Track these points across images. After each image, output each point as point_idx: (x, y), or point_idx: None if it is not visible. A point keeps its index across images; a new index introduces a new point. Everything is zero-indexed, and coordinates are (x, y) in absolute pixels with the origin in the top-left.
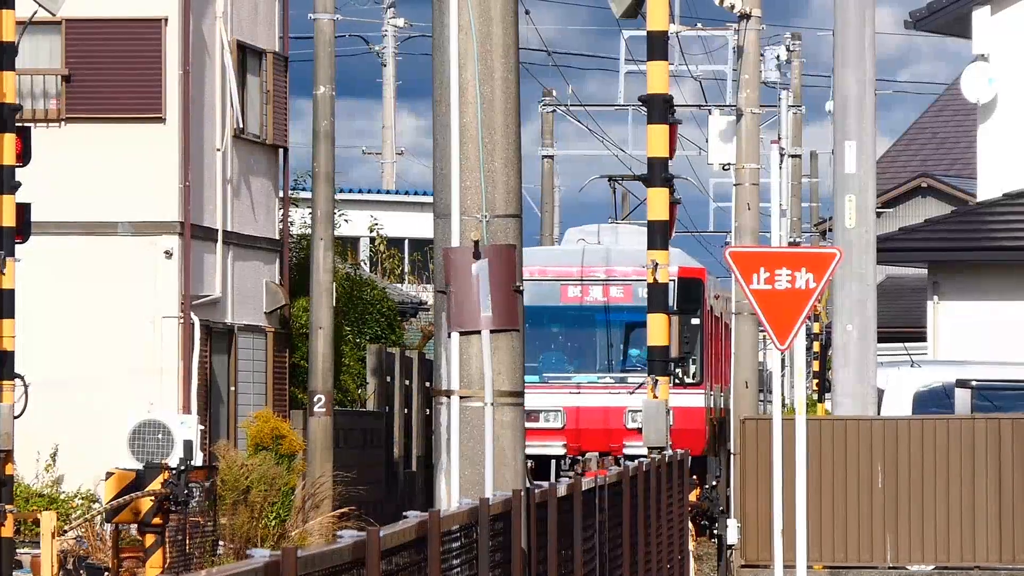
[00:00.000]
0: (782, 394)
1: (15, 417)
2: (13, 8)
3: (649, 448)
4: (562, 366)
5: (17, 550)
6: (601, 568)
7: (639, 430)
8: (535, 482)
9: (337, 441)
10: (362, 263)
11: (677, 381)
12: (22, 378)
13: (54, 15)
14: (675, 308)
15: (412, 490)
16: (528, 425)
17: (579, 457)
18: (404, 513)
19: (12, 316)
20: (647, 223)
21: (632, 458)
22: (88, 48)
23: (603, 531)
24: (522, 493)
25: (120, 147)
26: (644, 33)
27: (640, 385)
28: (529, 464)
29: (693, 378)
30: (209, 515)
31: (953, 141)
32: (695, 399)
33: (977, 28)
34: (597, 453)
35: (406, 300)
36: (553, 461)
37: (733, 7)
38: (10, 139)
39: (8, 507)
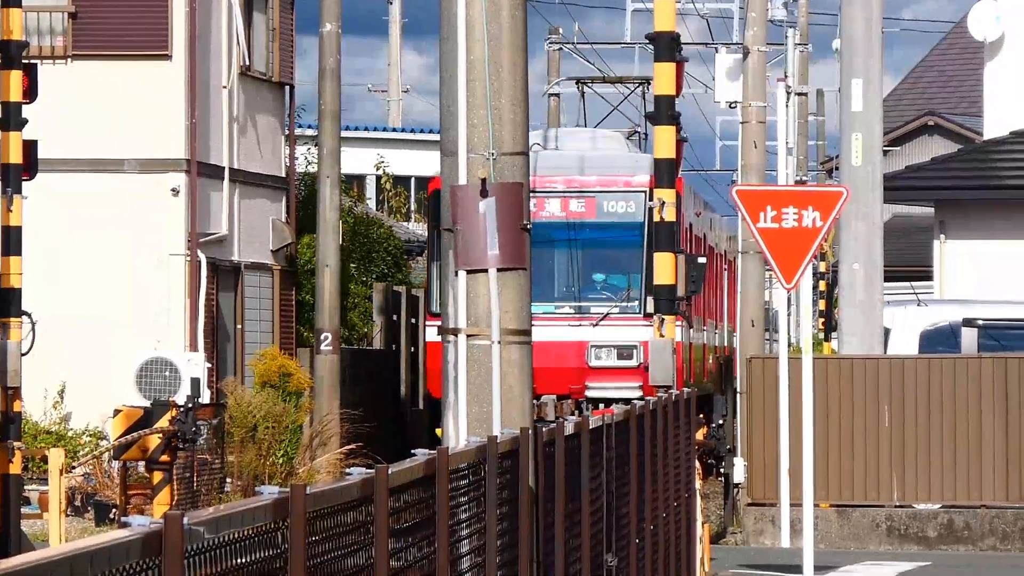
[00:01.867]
0: (788, 333)
1: (22, 354)
2: None
3: (656, 387)
4: None
5: (25, 487)
6: (608, 506)
7: (604, 368)
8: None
9: (344, 379)
10: (368, 201)
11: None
12: (29, 315)
13: None
14: (645, 226)
15: (419, 428)
16: None
17: (533, 401)
18: (412, 451)
19: (19, 253)
20: (654, 160)
21: (595, 401)
22: None
23: (610, 469)
24: (529, 431)
25: (126, 84)
26: None
27: (605, 316)
28: None
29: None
30: (216, 452)
31: (960, 79)
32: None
33: None
34: (555, 396)
35: (412, 238)
36: None
37: None
38: (16, 76)
39: (16, 444)
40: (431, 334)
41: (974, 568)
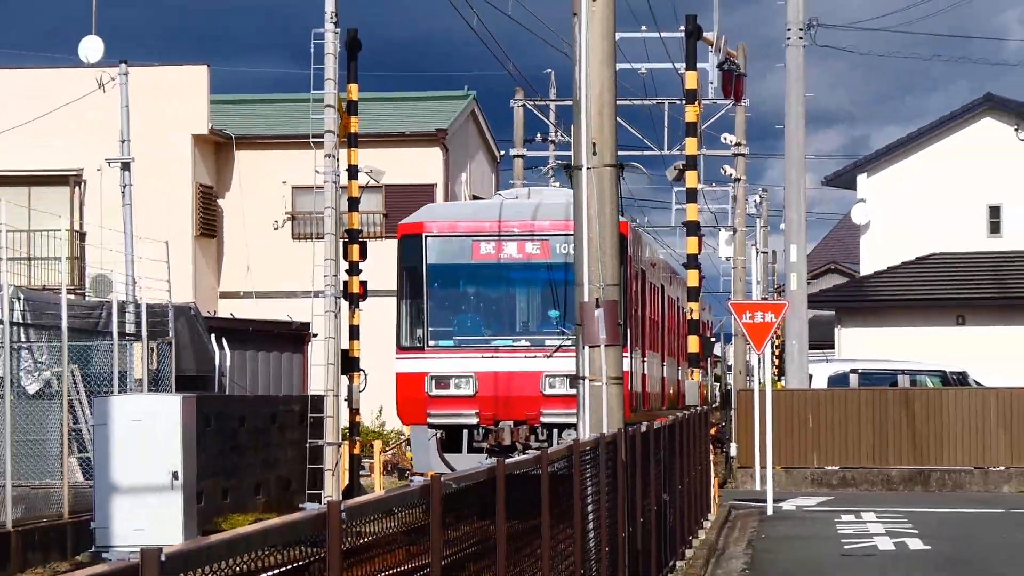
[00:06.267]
0: (759, 376)
1: (360, 391)
2: (357, 179)
3: (688, 406)
4: (476, 329)
5: (362, 460)
6: (663, 469)
7: (557, 396)
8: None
9: None
10: None
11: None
12: (363, 371)
13: (378, 183)
14: None
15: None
16: (438, 393)
17: (491, 427)
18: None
19: (358, 338)
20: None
21: (550, 427)
22: (399, 203)
23: (664, 450)
24: (622, 430)
25: None
26: (685, 189)
27: (558, 348)
28: (438, 435)
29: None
30: None
31: (848, 244)
32: None
33: (860, 184)
34: (512, 422)
35: None
36: (465, 431)
37: (732, 174)
38: (356, 248)
39: (356, 438)
40: (401, 367)
41: (856, 499)
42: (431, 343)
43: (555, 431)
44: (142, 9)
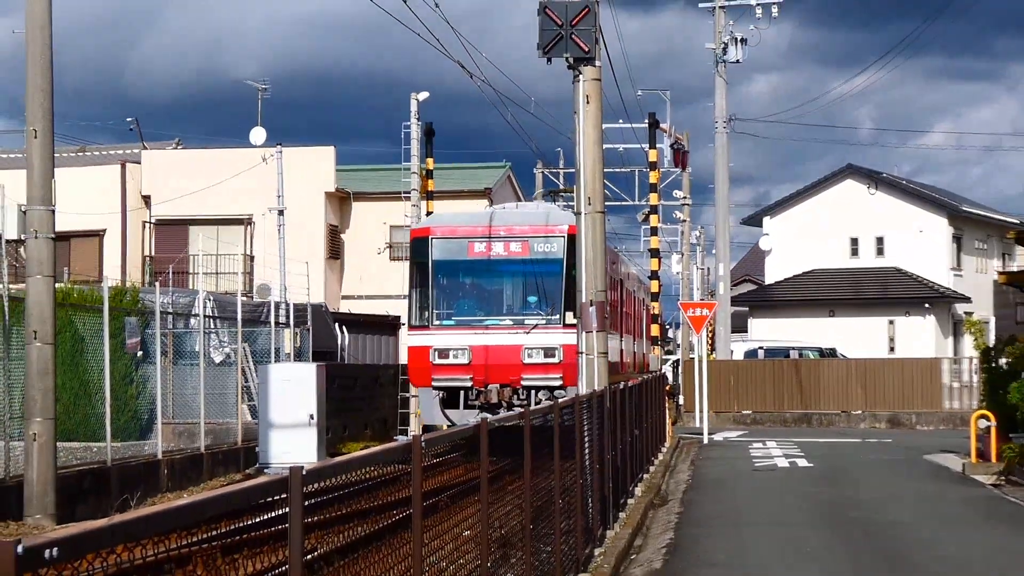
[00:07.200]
0: (698, 350)
1: None
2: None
3: (651, 371)
4: (471, 311)
5: None
6: (637, 415)
7: (534, 364)
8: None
9: None
10: None
11: (568, 322)
12: None
13: None
14: (564, 260)
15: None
16: (440, 362)
17: (482, 389)
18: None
19: None
20: (650, 294)
21: (528, 388)
22: None
23: (635, 401)
24: (607, 388)
25: None
26: (650, 227)
27: (535, 326)
28: (441, 395)
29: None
30: None
31: (756, 263)
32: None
33: (765, 223)
34: (498, 385)
35: None
36: (462, 392)
37: (680, 217)
38: None
39: None
40: (411, 341)
41: (763, 433)
42: (435, 322)
43: (532, 392)
44: (293, 109)
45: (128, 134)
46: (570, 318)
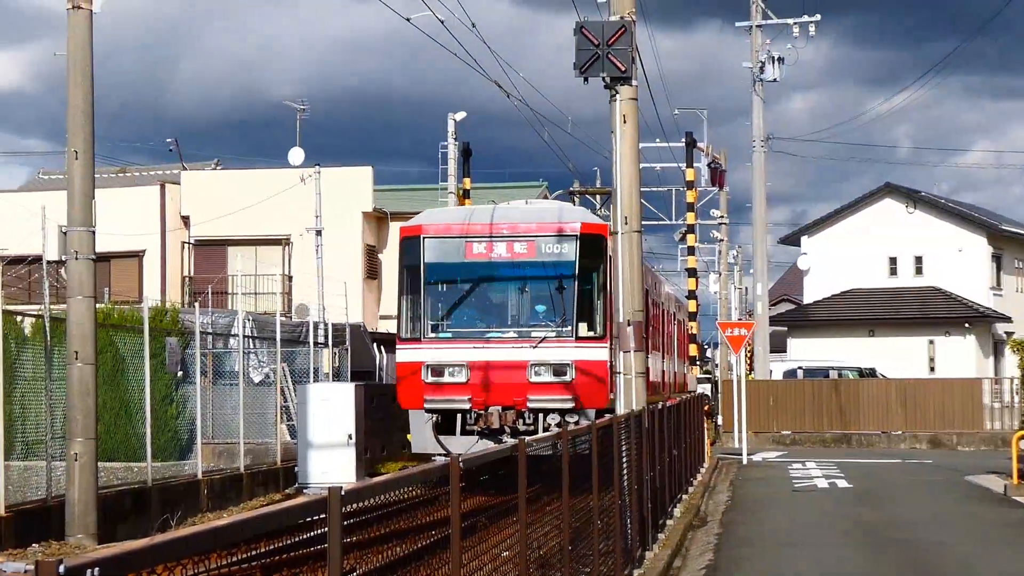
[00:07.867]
0: (737, 370)
1: None
2: None
3: (689, 391)
4: (469, 322)
5: None
6: (676, 435)
7: (542, 384)
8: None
9: None
10: None
11: (581, 335)
12: None
13: None
14: (577, 264)
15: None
16: (433, 380)
17: (482, 411)
18: (606, 416)
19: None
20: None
21: (535, 411)
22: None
23: (674, 420)
24: (646, 407)
25: None
26: (687, 246)
27: (543, 339)
28: (434, 418)
29: (593, 332)
30: None
31: (795, 282)
32: (598, 352)
33: (803, 243)
34: (501, 407)
35: None
36: (458, 415)
37: (718, 237)
38: None
39: None
40: (401, 356)
41: (802, 453)
42: (428, 335)
43: (540, 415)
44: (332, 129)
45: (167, 155)
46: (583, 330)
